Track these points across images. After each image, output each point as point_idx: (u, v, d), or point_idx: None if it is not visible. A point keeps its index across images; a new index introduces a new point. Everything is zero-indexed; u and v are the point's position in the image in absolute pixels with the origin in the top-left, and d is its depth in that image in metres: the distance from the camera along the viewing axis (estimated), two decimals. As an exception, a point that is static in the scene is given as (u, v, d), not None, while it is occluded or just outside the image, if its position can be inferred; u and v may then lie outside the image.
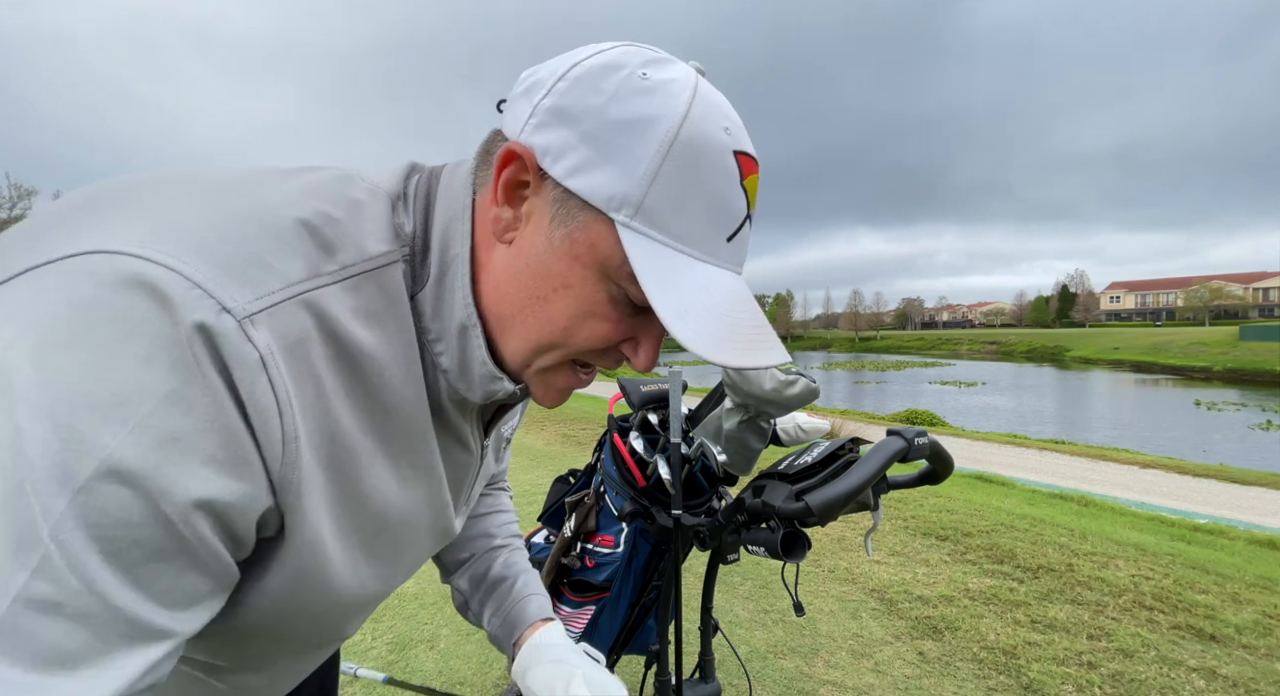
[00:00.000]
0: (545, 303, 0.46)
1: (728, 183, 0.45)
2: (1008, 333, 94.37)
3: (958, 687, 2.22)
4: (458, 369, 0.50)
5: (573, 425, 7.83)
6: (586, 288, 0.46)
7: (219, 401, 0.36)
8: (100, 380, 0.32)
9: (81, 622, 0.32)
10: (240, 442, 0.37)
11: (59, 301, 0.33)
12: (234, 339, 0.36)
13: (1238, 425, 19.03)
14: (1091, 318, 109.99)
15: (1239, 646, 2.54)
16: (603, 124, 0.43)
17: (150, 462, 0.33)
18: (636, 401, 1.26)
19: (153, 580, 0.35)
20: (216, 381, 0.35)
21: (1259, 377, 36.69)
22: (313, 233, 0.42)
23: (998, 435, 12.73)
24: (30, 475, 0.31)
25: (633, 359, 0.50)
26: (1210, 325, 76.83)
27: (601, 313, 0.46)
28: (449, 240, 0.48)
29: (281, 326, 0.39)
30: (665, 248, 0.44)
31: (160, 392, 0.34)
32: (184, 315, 0.34)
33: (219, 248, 0.37)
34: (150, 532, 0.34)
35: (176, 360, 0.34)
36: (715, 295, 0.45)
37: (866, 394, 30.33)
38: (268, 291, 0.38)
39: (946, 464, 0.94)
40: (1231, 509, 6.18)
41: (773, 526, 0.87)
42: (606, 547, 1.21)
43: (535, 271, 0.46)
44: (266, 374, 0.37)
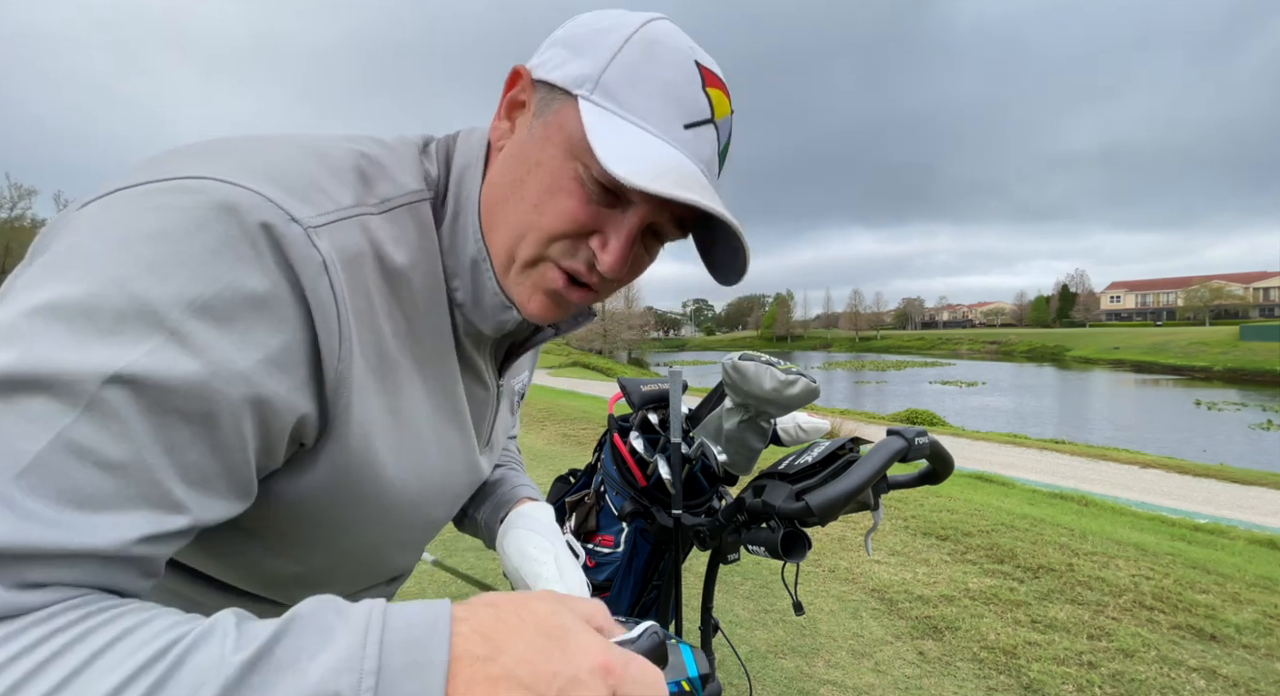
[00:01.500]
0: (522, 184, 0.51)
1: (687, 80, 0.49)
2: (1008, 332, 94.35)
3: (958, 687, 2.22)
4: (472, 301, 0.55)
5: (573, 425, 7.83)
6: (555, 164, 0.49)
7: (280, 297, 0.40)
8: (173, 263, 0.36)
9: (109, 472, 0.34)
10: (299, 339, 0.41)
11: (142, 206, 0.38)
12: (300, 243, 0.41)
13: (1238, 425, 19.02)
14: (1092, 317, 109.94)
15: (1239, 646, 2.54)
16: (583, 34, 0.51)
17: (212, 340, 0.37)
18: (636, 401, 1.26)
19: (183, 451, 0.37)
20: (280, 278, 0.40)
21: (1259, 377, 36.69)
22: (357, 170, 0.48)
23: (998, 435, 12.73)
24: (94, 331, 0.34)
25: (600, 254, 0.50)
26: (1210, 325, 76.80)
27: (568, 188, 0.49)
28: (463, 183, 0.54)
29: (340, 240, 0.44)
30: (620, 119, 0.48)
31: (224, 280, 0.37)
32: (251, 218, 0.39)
33: (282, 175, 0.42)
34: (195, 405, 0.37)
35: (243, 255, 0.38)
36: (656, 152, 0.47)
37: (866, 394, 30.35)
38: (325, 210, 0.43)
39: (947, 464, 0.93)
40: (1232, 509, 6.18)
41: (773, 526, 0.87)
42: (606, 547, 1.21)
43: (517, 158, 0.51)
44: (328, 276, 0.42)
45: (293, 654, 0.30)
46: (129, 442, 0.34)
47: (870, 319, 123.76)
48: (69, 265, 0.36)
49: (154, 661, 0.30)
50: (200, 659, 0.30)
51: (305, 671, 0.30)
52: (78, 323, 0.34)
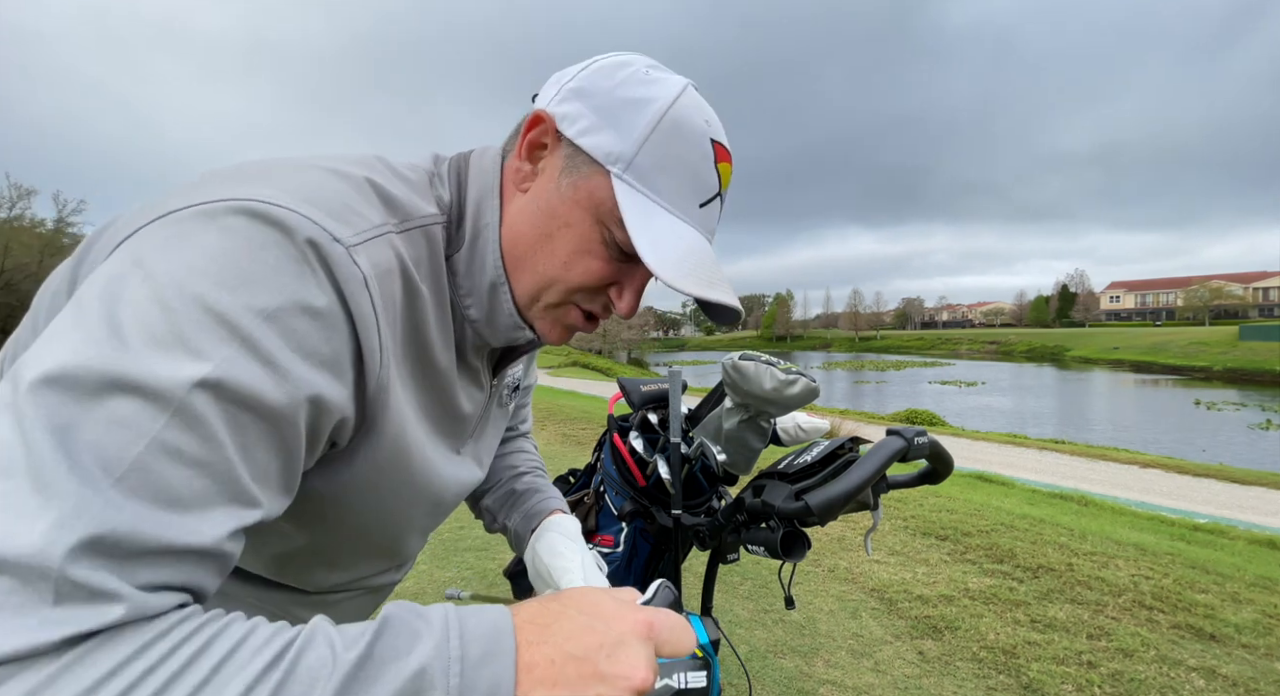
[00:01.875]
0: (551, 240, 0.56)
1: (704, 160, 0.56)
2: (1008, 332, 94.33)
3: (958, 687, 2.22)
4: (485, 319, 0.60)
5: (573, 425, 7.83)
6: (584, 227, 0.55)
7: (332, 310, 0.44)
8: (240, 276, 0.40)
9: (198, 471, 0.37)
10: (346, 349, 0.45)
11: (206, 227, 0.41)
12: (344, 261, 0.44)
13: (1238, 425, 19.02)
14: (1091, 317, 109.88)
15: (1239, 646, 2.54)
16: (610, 100, 0.54)
17: (278, 347, 0.40)
18: (636, 401, 1.26)
19: (253, 451, 0.40)
20: (331, 293, 0.44)
21: (1259, 377, 36.70)
22: (377, 190, 0.52)
23: (998, 435, 12.73)
24: (178, 342, 0.37)
25: (617, 303, 0.59)
26: (1210, 325, 76.78)
27: (595, 251, 0.56)
28: (481, 210, 0.58)
29: (374, 257, 0.47)
30: (648, 200, 0.54)
31: (285, 293, 0.41)
32: (301, 237, 0.42)
33: (319, 198, 0.46)
34: (266, 406, 0.40)
35: (299, 272, 0.42)
36: (685, 241, 0.55)
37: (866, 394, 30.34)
38: (361, 230, 0.47)
39: (946, 463, 0.93)
40: (1231, 509, 6.18)
41: (772, 526, 0.87)
42: (606, 547, 1.21)
43: (545, 212, 0.56)
44: (368, 291, 0.46)
45: (392, 650, 0.36)
46: (213, 443, 0.37)
47: (870, 319, 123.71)
48: (143, 280, 0.39)
49: (275, 662, 0.34)
50: (313, 659, 0.35)
51: (405, 662, 0.36)
52: (159, 333, 0.37)
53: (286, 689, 0.34)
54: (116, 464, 0.34)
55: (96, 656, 0.32)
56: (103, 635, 0.33)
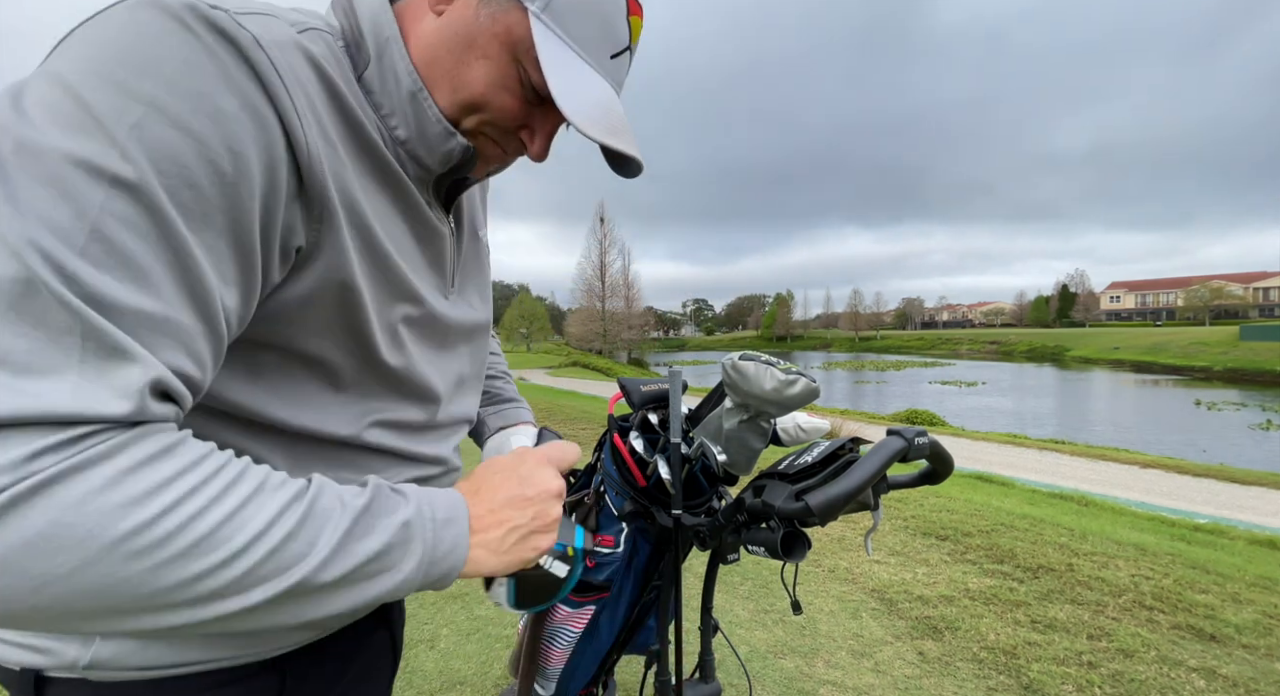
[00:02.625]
0: (469, 67, 0.56)
1: (617, 10, 0.57)
2: (1008, 332, 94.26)
3: (958, 687, 2.22)
4: (416, 134, 0.57)
5: (573, 425, 7.83)
6: (502, 63, 0.55)
7: (229, 68, 0.42)
8: (131, 53, 0.39)
9: (157, 240, 0.38)
10: (261, 110, 0.43)
11: (96, 27, 0.41)
12: (227, 22, 0.42)
13: (1238, 425, 19.02)
14: (1091, 317, 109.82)
15: (1239, 646, 2.54)
16: None
17: (183, 108, 0.40)
18: (636, 401, 1.25)
19: (199, 228, 0.41)
20: (223, 52, 0.42)
21: (1259, 377, 36.68)
22: (266, 4, 0.49)
23: (998, 435, 12.72)
24: (91, 114, 0.37)
25: (529, 144, 0.61)
26: (1210, 325, 76.73)
27: (511, 89, 0.57)
28: (379, 26, 0.56)
29: (264, 27, 0.45)
30: (564, 45, 0.55)
31: (178, 57, 0.40)
32: (179, 7, 0.41)
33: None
34: (198, 173, 0.40)
35: (185, 37, 0.41)
36: (594, 89, 0.56)
37: (866, 394, 30.34)
38: (243, 6, 0.45)
39: (946, 464, 0.93)
40: (1232, 509, 6.18)
41: (773, 526, 0.86)
42: (606, 547, 1.21)
43: (463, 39, 0.55)
44: (265, 52, 0.44)
45: (384, 506, 0.47)
46: (157, 212, 0.38)
47: (870, 319, 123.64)
48: (36, 77, 0.40)
49: (299, 496, 0.43)
50: (327, 501, 0.44)
51: (395, 516, 0.47)
52: (69, 112, 0.37)
53: (309, 519, 0.42)
54: (74, 233, 0.36)
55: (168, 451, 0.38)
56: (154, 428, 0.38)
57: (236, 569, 0.38)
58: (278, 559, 0.40)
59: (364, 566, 0.44)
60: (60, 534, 0.33)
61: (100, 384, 0.36)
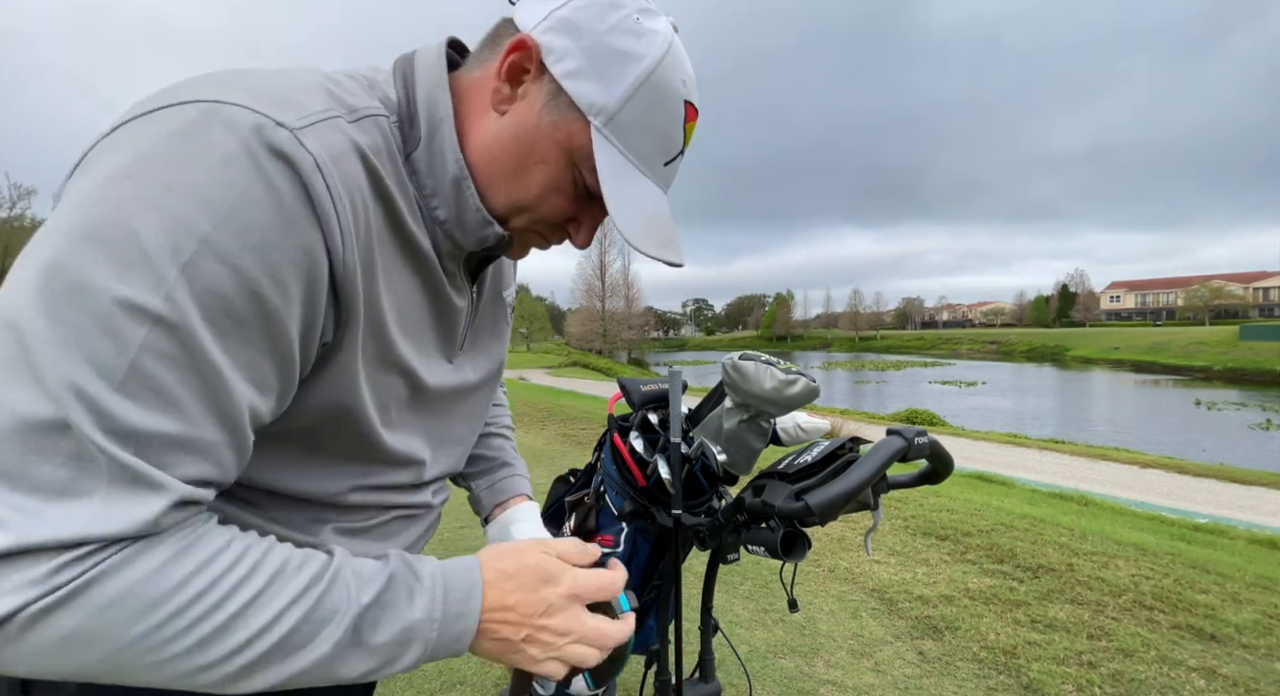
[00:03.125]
0: (527, 170, 0.57)
1: (675, 122, 0.59)
2: (1008, 332, 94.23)
3: (958, 687, 2.22)
4: (455, 218, 0.59)
5: (573, 425, 7.83)
6: (558, 167, 0.57)
7: (285, 198, 0.43)
8: (191, 180, 0.41)
9: (190, 371, 0.41)
10: (310, 238, 0.45)
11: (156, 133, 0.42)
12: (291, 145, 0.44)
13: (1238, 425, 19.02)
14: (1091, 317, 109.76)
15: (1239, 646, 2.54)
16: (600, 45, 0.55)
17: (235, 245, 0.41)
18: (636, 401, 1.26)
19: (236, 350, 0.43)
20: (281, 182, 0.43)
21: (1259, 377, 36.67)
22: (324, 89, 0.51)
23: (998, 435, 12.72)
24: (143, 251, 0.39)
25: (574, 236, 0.63)
26: (1210, 325, 76.71)
27: (565, 190, 0.59)
28: (434, 107, 0.57)
29: (323, 139, 0.47)
30: (621, 155, 0.56)
31: (237, 189, 0.41)
32: (246, 130, 0.43)
33: (263, 92, 0.46)
34: (240, 305, 0.42)
35: (246, 165, 0.42)
36: (646, 201, 0.58)
37: (866, 394, 30.34)
38: (304, 115, 0.46)
39: (946, 463, 0.93)
40: (1232, 508, 6.18)
41: (773, 526, 0.86)
42: (606, 547, 1.21)
43: (524, 142, 0.57)
44: (321, 174, 0.45)
45: (393, 601, 0.48)
46: (194, 347, 0.40)
47: (870, 319, 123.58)
48: (93, 198, 0.40)
49: (310, 587, 0.45)
50: (338, 592, 0.46)
51: (402, 613, 0.48)
52: (124, 245, 0.39)
53: (315, 613, 0.44)
54: (114, 370, 0.38)
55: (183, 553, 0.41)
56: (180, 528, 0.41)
57: (241, 660, 0.42)
58: (281, 652, 0.43)
59: (362, 661, 0.47)
60: (86, 635, 0.38)
61: (123, 509, 0.39)
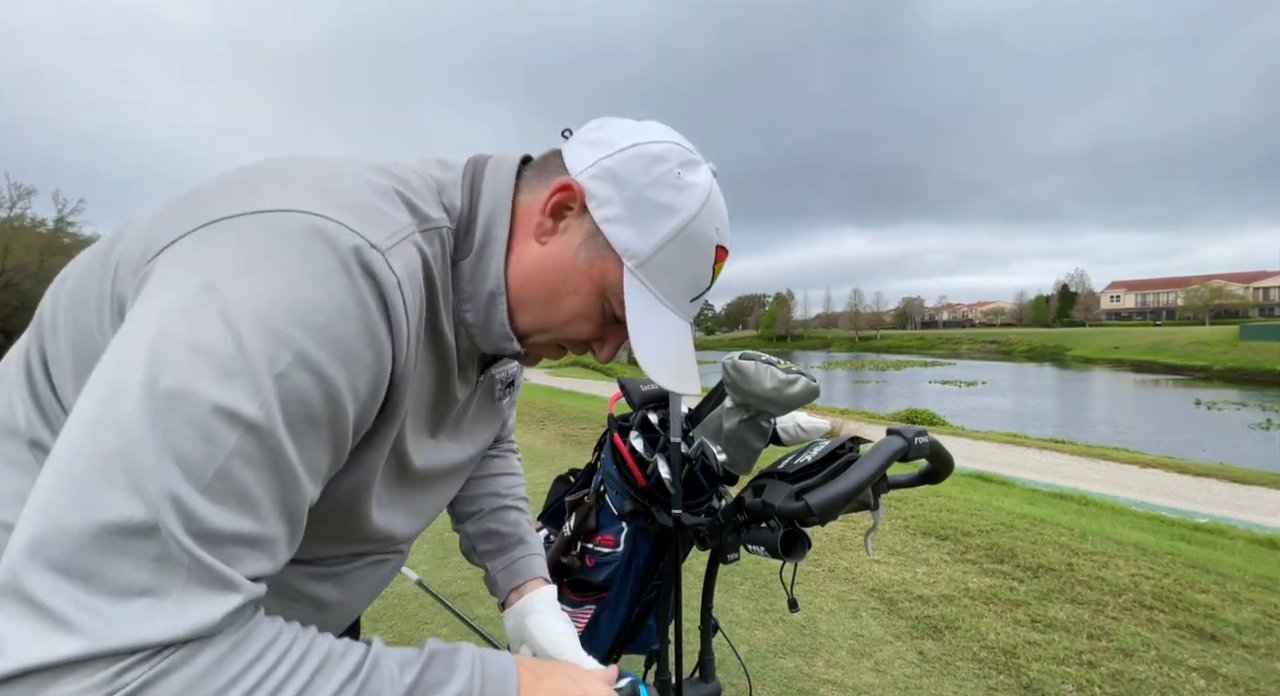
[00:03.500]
0: (559, 299, 0.63)
1: (705, 265, 0.64)
2: (1008, 332, 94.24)
3: (958, 687, 2.22)
4: (481, 325, 0.64)
5: (573, 425, 7.83)
6: (589, 298, 0.63)
7: (372, 314, 0.48)
8: (292, 294, 0.44)
9: (270, 472, 0.43)
10: (384, 349, 0.50)
11: (257, 242, 0.45)
12: (381, 266, 0.49)
13: (1238, 425, 19.01)
14: (1092, 317, 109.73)
15: (1239, 646, 2.54)
16: (640, 197, 0.60)
17: (325, 357, 0.45)
18: (636, 401, 1.25)
19: (308, 448, 0.46)
20: (370, 298, 0.48)
21: (1259, 377, 36.66)
22: (401, 197, 0.56)
23: (998, 435, 12.72)
24: (244, 362, 0.42)
25: (598, 352, 0.68)
26: (1210, 325, 76.70)
27: (593, 318, 0.64)
28: (493, 225, 0.62)
29: (404, 258, 0.52)
30: (650, 294, 0.62)
31: (333, 304, 0.45)
32: (346, 250, 0.47)
33: (355, 205, 0.50)
34: (320, 409, 0.46)
35: (344, 283, 0.46)
36: (669, 334, 0.64)
37: (866, 393, 30.33)
38: (391, 232, 0.51)
39: (946, 463, 0.93)
40: (1232, 508, 6.18)
41: (773, 526, 0.86)
42: (607, 547, 1.21)
43: (558, 274, 0.62)
44: (401, 294, 0.50)
45: (434, 680, 0.51)
46: (279, 452, 0.43)
47: (870, 319, 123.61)
48: (205, 302, 0.43)
49: (354, 674, 0.46)
50: (380, 677, 0.47)
51: (443, 691, 0.50)
52: (228, 356, 0.41)
53: (364, 693, 0.46)
54: (204, 474, 0.40)
55: (235, 648, 0.41)
56: (234, 629, 0.42)
57: None
58: None
59: None
60: None
61: (196, 609, 0.40)
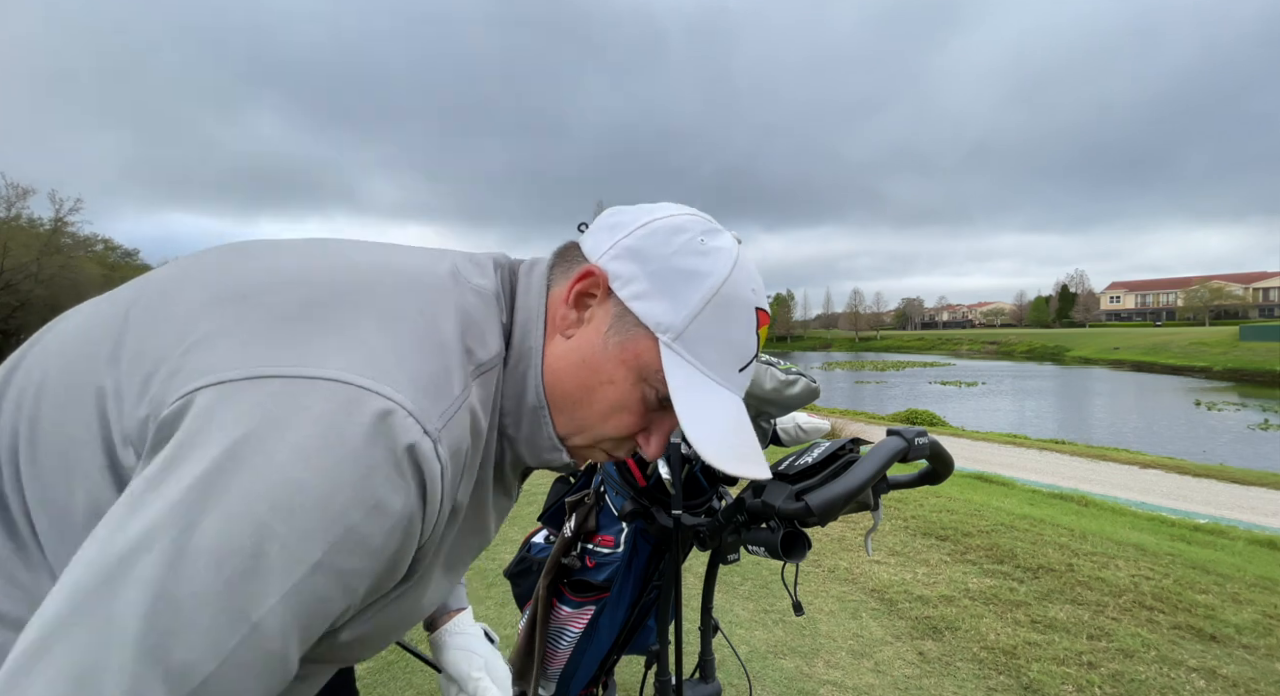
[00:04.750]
0: (592, 393, 0.57)
1: (747, 330, 0.58)
2: (1008, 333, 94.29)
3: (958, 687, 2.22)
4: (525, 440, 0.60)
5: (573, 425, 7.82)
6: (626, 386, 0.57)
7: (411, 506, 0.45)
8: (331, 487, 0.41)
9: (267, 675, 0.41)
10: (415, 532, 0.47)
11: (310, 420, 0.42)
12: (430, 456, 0.45)
13: (1238, 424, 19.02)
14: (1091, 318, 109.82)
15: (1239, 646, 2.54)
16: (665, 268, 0.56)
17: (348, 563, 0.42)
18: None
19: (309, 633, 0.43)
20: (413, 490, 0.45)
21: (1259, 377, 36.67)
22: (464, 346, 0.53)
23: (998, 435, 12.73)
24: (261, 565, 0.39)
25: (644, 447, 0.61)
26: (1210, 325, 76.73)
27: (632, 408, 0.58)
28: (527, 335, 0.58)
29: (453, 437, 0.48)
30: (693, 368, 0.56)
31: (370, 502, 0.42)
32: (400, 441, 0.44)
33: (420, 373, 0.47)
34: (329, 608, 0.43)
35: (388, 477, 0.43)
36: (721, 411, 0.56)
37: (866, 394, 30.33)
38: (447, 406, 0.48)
39: (946, 464, 0.93)
40: (1231, 509, 6.19)
41: (773, 526, 0.86)
42: (607, 547, 1.21)
43: (589, 365, 0.57)
44: (443, 480, 0.47)
45: None
46: (284, 641, 0.41)
47: (870, 319, 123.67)
48: (225, 485, 0.40)
49: None
50: None
51: None
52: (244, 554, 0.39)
53: None
54: (194, 676, 0.38)
55: None
56: None
57: None
58: None
59: None
60: None
61: None
